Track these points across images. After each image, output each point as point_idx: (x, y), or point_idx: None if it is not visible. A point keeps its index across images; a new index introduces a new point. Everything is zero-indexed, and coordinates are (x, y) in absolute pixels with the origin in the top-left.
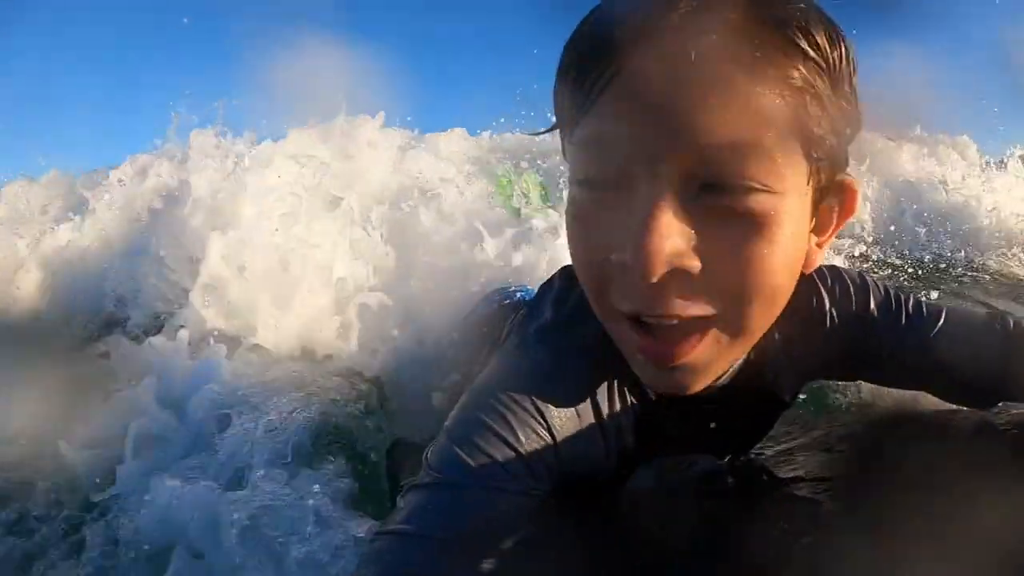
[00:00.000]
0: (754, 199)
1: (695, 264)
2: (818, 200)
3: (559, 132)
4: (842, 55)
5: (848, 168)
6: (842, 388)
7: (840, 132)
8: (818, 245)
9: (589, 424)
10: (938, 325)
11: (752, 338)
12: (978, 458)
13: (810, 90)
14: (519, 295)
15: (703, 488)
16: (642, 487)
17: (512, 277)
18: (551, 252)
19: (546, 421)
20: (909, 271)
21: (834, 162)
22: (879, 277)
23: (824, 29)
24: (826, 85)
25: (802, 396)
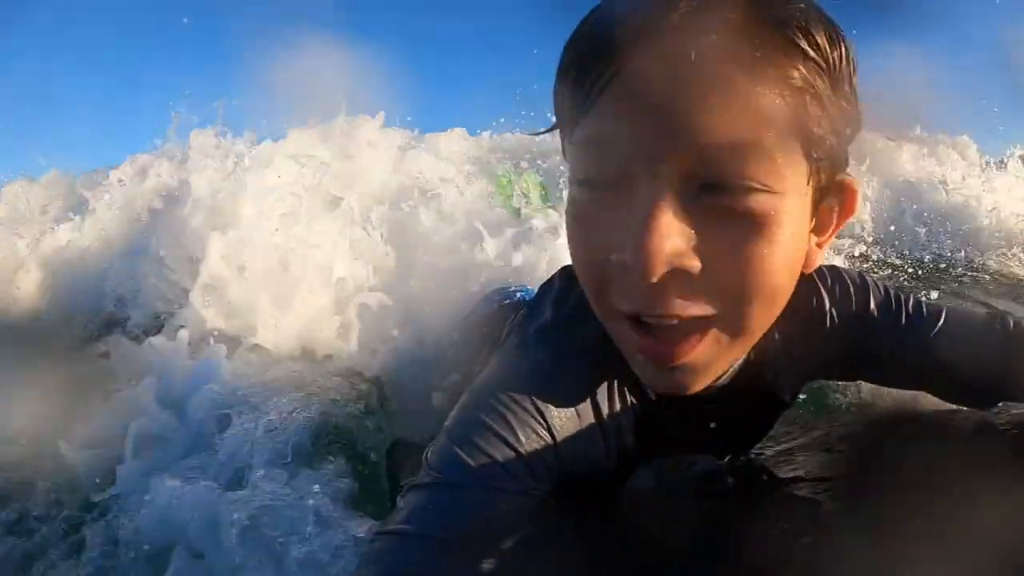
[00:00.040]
0: (754, 199)
1: (695, 264)
2: (818, 200)
3: (559, 132)
4: (842, 55)
5: (848, 168)
6: (842, 388)
7: (840, 132)
8: (818, 245)
9: (589, 424)
10: (938, 325)
11: (752, 338)
12: (978, 458)
13: (810, 90)
14: (519, 295)
15: (703, 488)
16: (642, 487)
17: (512, 277)
18: (551, 252)
19: (546, 421)
20: (909, 271)
21: (834, 162)
22: (879, 277)
23: (824, 29)
24: (826, 85)
25: (802, 396)
